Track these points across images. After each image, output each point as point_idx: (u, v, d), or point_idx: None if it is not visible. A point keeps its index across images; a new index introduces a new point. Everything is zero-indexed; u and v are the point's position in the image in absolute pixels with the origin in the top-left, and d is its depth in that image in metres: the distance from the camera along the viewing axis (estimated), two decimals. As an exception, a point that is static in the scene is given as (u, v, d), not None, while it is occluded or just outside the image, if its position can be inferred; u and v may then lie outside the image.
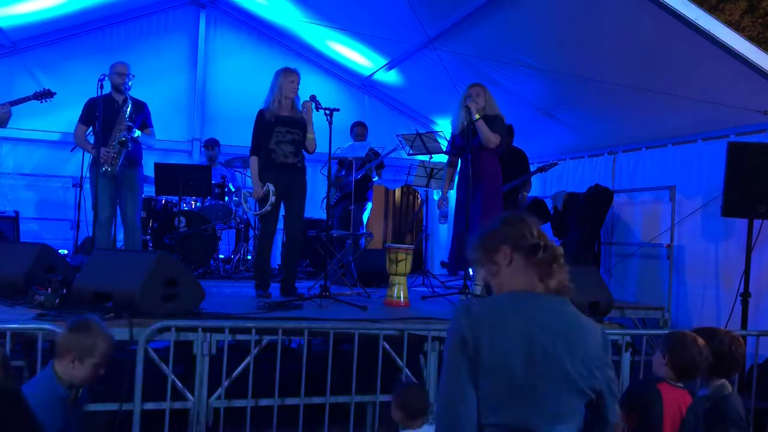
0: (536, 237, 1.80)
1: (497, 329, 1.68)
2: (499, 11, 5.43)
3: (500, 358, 1.66)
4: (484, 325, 1.68)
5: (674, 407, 2.71)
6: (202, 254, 6.40)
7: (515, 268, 1.79)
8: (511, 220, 1.87)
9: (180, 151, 7.89)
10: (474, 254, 1.90)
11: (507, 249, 1.81)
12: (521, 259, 1.79)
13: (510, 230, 1.82)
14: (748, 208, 4.41)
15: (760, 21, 12.95)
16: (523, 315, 1.72)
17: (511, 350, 1.66)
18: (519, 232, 1.81)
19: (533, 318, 1.71)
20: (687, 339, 2.77)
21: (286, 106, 4.93)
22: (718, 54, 4.44)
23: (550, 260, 1.78)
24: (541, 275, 1.77)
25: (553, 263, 1.78)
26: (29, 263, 4.02)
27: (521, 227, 1.82)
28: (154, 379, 3.35)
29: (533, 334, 1.68)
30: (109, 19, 7.76)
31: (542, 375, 1.66)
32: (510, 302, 1.76)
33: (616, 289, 5.72)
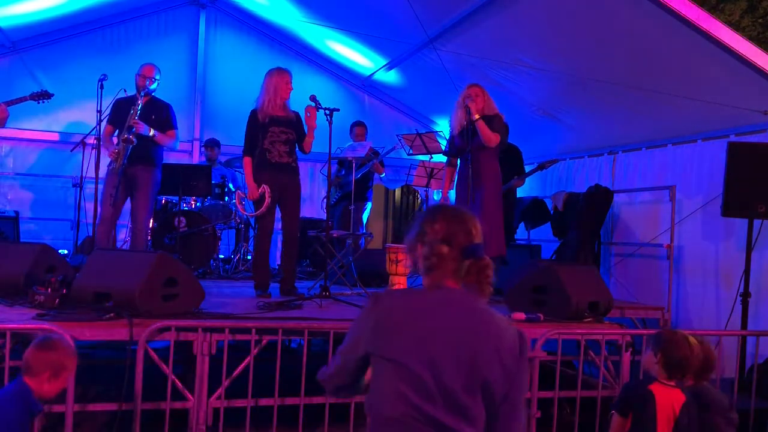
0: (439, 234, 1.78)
1: (407, 321, 1.70)
2: (499, 11, 5.43)
3: (403, 351, 1.66)
4: (386, 319, 1.71)
5: (668, 407, 2.73)
6: (202, 254, 6.40)
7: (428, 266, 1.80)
8: (427, 215, 1.86)
9: (180, 151, 7.88)
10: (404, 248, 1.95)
11: (420, 246, 1.81)
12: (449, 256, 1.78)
13: (424, 228, 1.81)
14: (748, 208, 4.41)
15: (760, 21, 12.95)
16: (435, 309, 1.71)
17: (417, 344, 1.66)
18: (430, 230, 1.79)
19: (445, 313, 1.70)
20: (678, 337, 2.81)
21: (280, 106, 4.93)
22: (718, 54, 4.45)
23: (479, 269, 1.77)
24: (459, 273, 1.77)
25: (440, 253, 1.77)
26: (29, 263, 4.02)
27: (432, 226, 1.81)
28: (154, 379, 3.35)
29: (443, 329, 1.67)
30: (109, 19, 7.76)
31: (451, 369, 1.64)
32: (423, 295, 1.77)
33: (616, 289, 5.72)
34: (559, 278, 4.27)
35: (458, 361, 1.65)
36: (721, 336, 4.39)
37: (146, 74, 5.21)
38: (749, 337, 4.34)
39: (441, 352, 1.65)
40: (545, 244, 6.89)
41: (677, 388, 2.79)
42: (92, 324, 3.36)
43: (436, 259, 1.76)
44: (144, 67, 5.27)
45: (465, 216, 1.81)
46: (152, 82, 5.23)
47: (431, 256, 1.76)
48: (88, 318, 3.41)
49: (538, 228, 7.02)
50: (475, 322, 1.71)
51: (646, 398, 2.75)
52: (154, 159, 5.31)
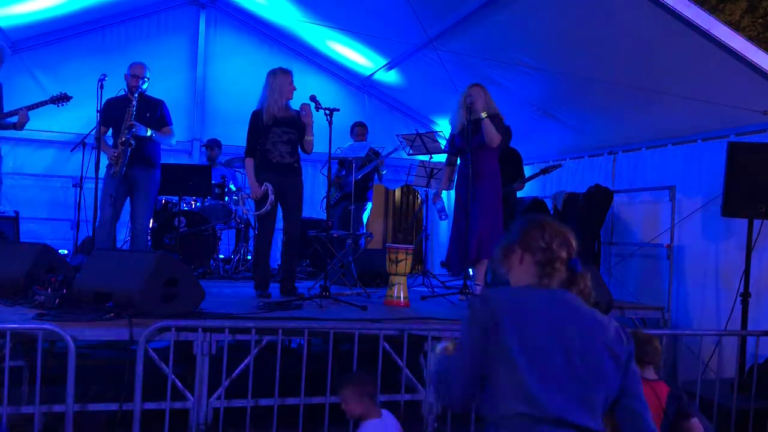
0: (544, 240, 1.88)
1: (520, 317, 1.75)
2: (499, 11, 5.42)
3: (522, 346, 1.71)
4: (506, 312, 1.74)
5: (653, 400, 2.79)
6: (202, 254, 6.40)
7: (524, 269, 1.89)
8: (530, 224, 1.95)
9: (180, 151, 7.89)
10: (495, 253, 2.02)
11: (518, 250, 1.91)
12: (530, 262, 1.88)
13: (524, 233, 1.92)
14: (748, 208, 4.41)
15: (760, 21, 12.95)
16: (546, 306, 1.79)
17: (535, 338, 1.72)
18: (529, 236, 1.90)
19: (557, 309, 1.78)
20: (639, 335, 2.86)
21: (283, 106, 4.92)
22: (718, 54, 4.44)
23: (548, 261, 1.86)
24: (542, 275, 1.86)
25: (549, 266, 1.86)
26: (29, 263, 4.02)
27: (533, 231, 1.91)
28: (154, 379, 3.35)
29: (557, 324, 1.75)
30: (109, 19, 7.76)
31: (575, 365, 1.71)
32: (532, 293, 1.83)
33: (616, 289, 5.72)
34: (559, 278, 4.26)
35: (583, 354, 1.73)
36: (721, 336, 4.40)
37: (138, 73, 5.17)
38: (749, 337, 4.33)
39: (571, 346, 1.73)
40: (545, 244, 6.87)
41: (661, 381, 2.86)
42: (92, 324, 3.37)
43: (552, 268, 1.85)
44: (134, 67, 5.22)
45: (567, 231, 1.94)
46: (144, 81, 5.20)
47: (553, 262, 1.85)
48: (88, 318, 3.42)
49: (538, 228, 7.00)
50: (588, 318, 1.81)
51: None
52: (153, 159, 5.31)
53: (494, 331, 1.73)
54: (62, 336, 3.12)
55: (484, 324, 1.75)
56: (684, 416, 2.80)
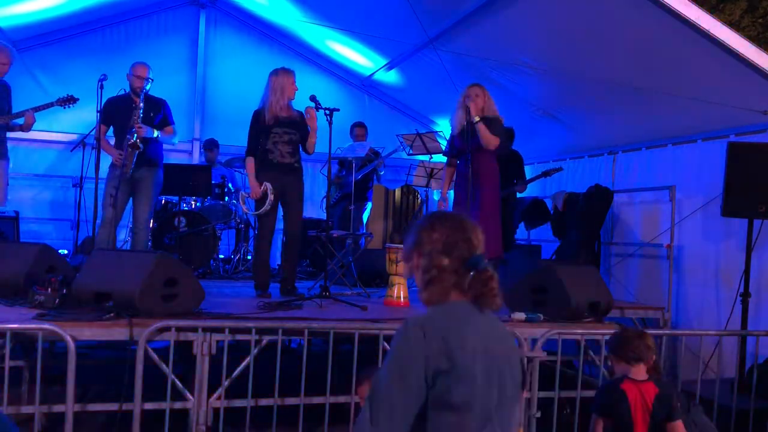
0: (478, 249, 1.67)
1: (470, 349, 1.55)
2: (499, 11, 5.42)
3: (474, 380, 1.54)
4: (454, 346, 1.53)
5: (640, 401, 2.80)
6: (202, 254, 6.40)
7: (447, 277, 1.66)
8: (456, 222, 1.70)
9: (180, 151, 7.89)
10: (405, 246, 1.76)
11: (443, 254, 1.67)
12: (457, 269, 1.66)
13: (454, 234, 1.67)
14: (748, 208, 4.41)
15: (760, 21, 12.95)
16: (480, 329, 1.61)
17: (481, 370, 1.55)
18: (465, 237, 1.67)
19: (488, 332, 1.62)
20: (626, 332, 2.98)
21: (284, 106, 4.92)
22: (718, 54, 4.44)
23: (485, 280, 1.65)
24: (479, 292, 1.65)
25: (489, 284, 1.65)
26: (29, 263, 4.02)
27: (468, 233, 1.68)
28: (154, 379, 3.35)
29: (493, 351, 1.60)
30: (109, 19, 7.77)
31: (498, 387, 1.59)
32: (466, 314, 1.63)
33: (616, 289, 5.72)
34: (559, 278, 4.27)
35: (507, 384, 1.61)
36: (721, 336, 4.39)
37: (141, 74, 5.16)
38: (749, 337, 4.33)
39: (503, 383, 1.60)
40: (545, 244, 6.89)
41: (650, 382, 2.84)
42: (92, 324, 3.36)
43: (437, 272, 1.64)
44: (138, 68, 5.20)
45: (466, 224, 1.68)
46: (148, 82, 5.20)
47: (431, 268, 1.64)
48: (88, 318, 3.41)
49: (538, 228, 7.02)
50: (510, 345, 1.67)
51: (620, 397, 2.82)
52: (156, 159, 5.31)
53: (438, 362, 1.50)
54: (62, 336, 3.12)
55: (427, 353, 1.51)
56: (669, 419, 2.79)
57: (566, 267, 4.66)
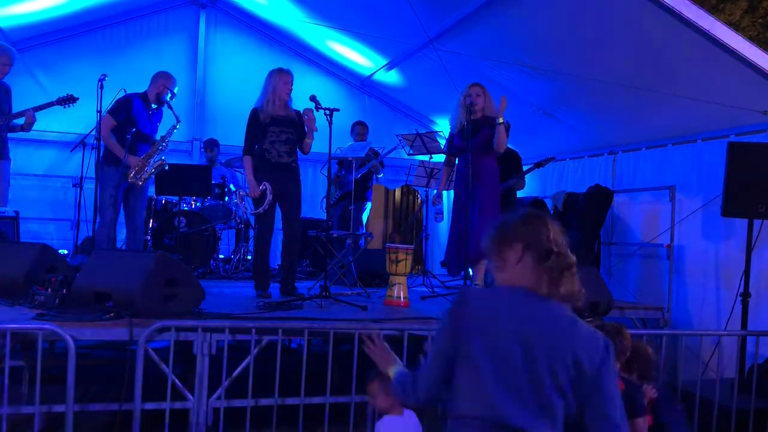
0: (551, 242, 1.79)
1: (489, 323, 1.72)
2: (499, 11, 5.43)
3: (487, 352, 1.70)
4: (476, 317, 1.74)
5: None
6: (202, 254, 6.40)
7: (523, 268, 1.78)
8: (532, 219, 1.85)
9: (180, 151, 7.89)
10: (487, 245, 1.89)
11: (519, 247, 1.80)
12: (530, 261, 1.78)
13: (527, 229, 1.81)
14: (748, 208, 4.41)
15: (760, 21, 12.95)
16: (517, 311, 1.74)
17: (500, 345, 1.70)
18: (535, 233, 1.80)
19: (526, 316, 1.73)
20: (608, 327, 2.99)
21: (280, 106, 4.94)
22: (718, 54, 4.44)
23: (560, 268, 1.77)
24: (549, 281, 1.76)
25: (565, 271, 1.77)
26: (29, 263, 4.02)
27: (539, 229, 1.81)
28: (154, 379, 3.35)
29: (524, 332, 1.70)
30: (109, 19, 7.76)
31: (529, 371, 1.68)
32: (507, 296, 1.79)
33: (616, 289, 5.71)
34: (559, 278, 4.26)
35: (549, 363, 1.69)
36: (721, 336, 4.39)
37: (173, 88, 5.37)
38: (749, 337, 4.33)
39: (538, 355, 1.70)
40: (545, 244, 6.87)
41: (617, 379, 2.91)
42: (92, 324, 3.36)
43: (560, 275, 1.77)
44: (171, 80, 5.38)
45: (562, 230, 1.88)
46: (168, 94, 5.36)
47: (563, 269, 1.78)
48: (88, 318, 3.42)
49: (538, 228, 7.01)
50: (559, 325, 1.75)
51: None
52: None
53: (463, 335, 1.72)
54: (62, 336, 3.12)
55: (455, 327, 1.75)
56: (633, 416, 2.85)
57: (566, 267, 4.65)
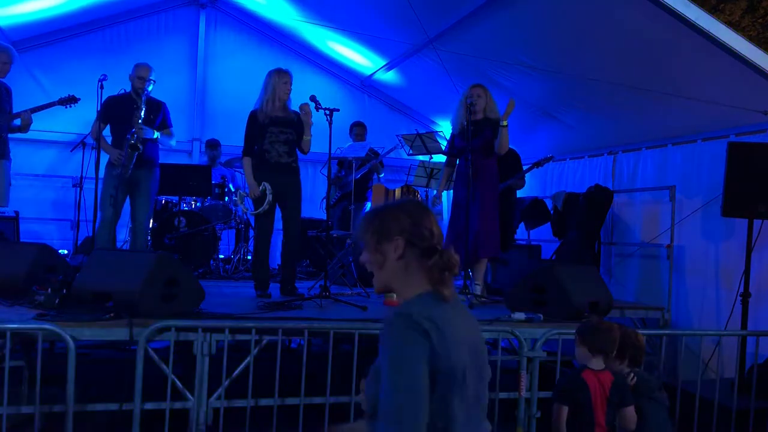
0: (435, 238, 1.66)
1: (449, 336, 1.55)
2: (499, 11, 5.42)
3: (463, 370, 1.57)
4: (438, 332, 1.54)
5: (599, 389, 3.02)
6: (202, 254, 6.40)
7: (406, 265, 1.65)
8: (414, 210, 1.68)
9: (180, 151, 7.89)
10: (362, 234, 1.71)
11: (401, 242, 1.64)
12: (413, 257, 1.64)
13: (410, 223, 1.65)
14: (748, 208, 4.41)
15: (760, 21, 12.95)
16: (461, 320, 1.63)
17: (468, 359, 1.59)
18: (419, 227, 1.65)
19: (467, 323, 1.67)
20: (601, 325, 3.13)
21: (279, 106, 4.93)
22: (718, 54, 4.44)
23: (444, 267, 1.63)
24: (433, 280, 1.63)
25: (447, 272, 1.64)
26: (29, 263, 4.02)
27: (423, 222, 1.65)
28: (154, 379, 3.35)
29: (474, 340, 1.66)
30: (109, 19, 7.77)
31: (479, 377, 1.65)
32: (444, 307, 1.62)
33: (616, 289, 5.72)
34: (559, 278, 4.27)
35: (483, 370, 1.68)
36: (721, 336, 4.39)
37: (144, 75, 5.18)
38: (749, 337, 4.33)
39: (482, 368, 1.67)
40: (545, 244, 6.88)
41: (606, 371, 3.06)
42: (92, 324, 3.36)
43: (450, 274, 1.66)
44: (140, 68, 5.22)
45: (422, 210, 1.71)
46: (150, 83, 5.21)
47: (449, 267, 1.65)
48: (88, 318, 3.41)
49: (538, 228, 7.02)
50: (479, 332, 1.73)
51: (580, 385, 3.03)
52: (155, 159, 5.33)
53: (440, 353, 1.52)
54: (62, 336, 3.12)
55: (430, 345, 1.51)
56: (622, 405, 3.02)
57: (566, 267, 4.67)
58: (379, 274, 1.70)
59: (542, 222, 6.87)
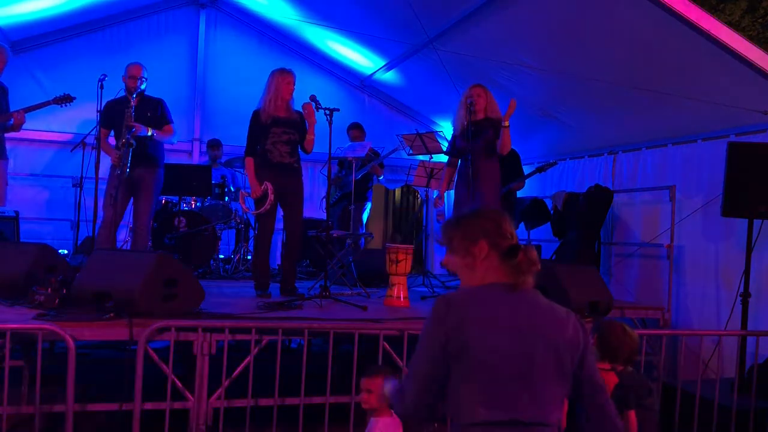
0: (514, 238, 1.81)
1: (487, 324, 1.69)
2: (499, 11, 5.43)
3: (492, 354, 1.67)
4: (472, 321, 1.69)
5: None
6: (202, 254, 6.40)
7: (489, 265, 1.79)
8: (493, 215, 1.85)
9: (180, 151, 7.89)
10: (448, 240, 1.87)
11: (485, 244, 1.79)
12: (495, 257, 1.79)
13: (491, 226, 1.82)
14: (748, 208, 4.41)
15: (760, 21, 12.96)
16: (507, 307, 1.73)
17: (502, 344, 1.68)
18: (499, 230, 1.81)
19: (516, 310, 1.73)
20: (615, 325, 3.06)
21: (282, 106, 4.93)
22: (718, 54, 4.44)
23: (526, 264, 1.77)
24: (515, 275, 1.77)
25: (531, 267, 1.78)
26: (29, 263, 4.02)
27: (502, 225, 1.82)
28: (154, 379, 3.35)
29: (520, 326, 1.71)
30: (109, 19, 7.77)
31: (532, 366, 1.69)
32: (492, 295, 1.76)
33: (616, 289, 5.72)
34: (559, 278, 4.27)
35: (544, 355, 1.71)
36: (721, 336, 4.39)
37: (134, 74, 5.18)
38: (749, 337, 4.33)
39: (534, 351, 1.71)
40: (545, 244, 6.89)
41: (611, 372, 3.01)
42: (92, 324, 3.37)
43: (528, 266, 1.78)
44: (131, 68, 5.23)
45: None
46: (142, 81, 5.21)
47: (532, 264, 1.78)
48: (88, 318, 3.42)
49: (538, 228, 7.02)
50: (549, 317, 1.78)
51: None
52: (157, 159, 5.31)
53: (457, 335, 1.67)
54: (62, 336, 3.12)
55: (448, 327, 1.68)
56: (626, 408, 2.95)
57: (566, 267, 4.66)
58: (465, 274, 1.84)
59: (542, 222, 6.87)
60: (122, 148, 5.01)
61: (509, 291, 1.75)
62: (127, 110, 5.08)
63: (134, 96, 5.12)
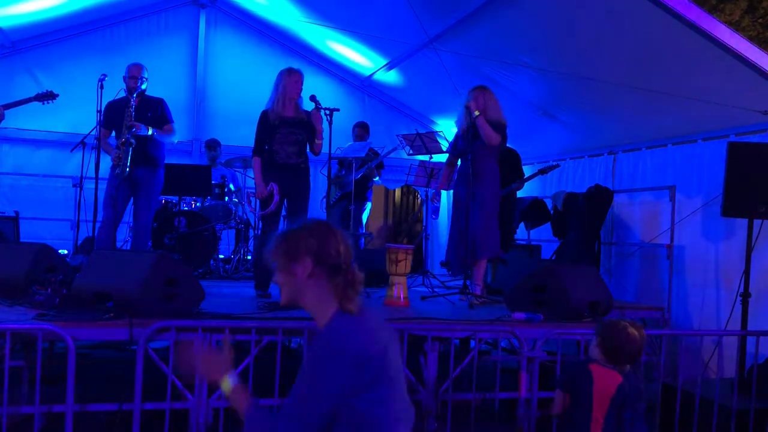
0: (342, 256, 1.75)
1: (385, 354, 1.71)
2: (499, 11, 5.43)
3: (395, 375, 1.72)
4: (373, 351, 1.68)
5: (604, 386, 2.92)
6: (202, 254, 6.40)
7: (316, 284, 1.74)
8: (318, 230, 1.78)
9: (180, 150, 7.89)
10: (273, 256, 1.81)
11: (308, 261, 1.74)
12: (322, 275, 1.73)
13: (316, 242, 1.75)
14: (748, 208, 4.41)
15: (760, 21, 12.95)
16: (381, 335, 1.75)
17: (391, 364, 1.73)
18: (325, 246, 1.75)
19: (381, 332, 1.77)
20: (619, 326, 2.99)
21: (290, 106, 4.93)
22: (718, 54, 4.44)
23: (349, 284, 1.74)
24: (340, 298, 1.72)
25: (350, 289, 1.74)
26: (29, 263, 4.02)
27: (329, 241, 1.76)
28: (154, 379, 3.35)
29: (388, 346, 1.75)
30: (109, 19, 7.77)
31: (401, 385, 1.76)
32: (370, 325, 1.75)
33: (616, 289, 5.71)
34: (559, 278, 4.27)
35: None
36: (721, 336, 4.40)
37: (135, 74, 5.21)
38: (749, 337, 4.33)
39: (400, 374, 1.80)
40: (545, 244, 6.89)
41: (615, 371, 2.97)
42: (92, 324, 3.36)
43: (353, 291, 1.79)
44: (131, 68, 5.25)
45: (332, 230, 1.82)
46: (142, 81, 5.23)
47: (354, 285, 1.79)
48: (88, 318, 3.41)
49: (538, 228, 7.02)
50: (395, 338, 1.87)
51: (586, 376, 2.95)
52: (157, 159, 5.31)
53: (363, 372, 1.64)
54: (62, 336, 3.12)
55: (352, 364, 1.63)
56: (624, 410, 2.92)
57: (566, 267, 4.66)
58: (289, 292, 1.78)
59: (542, 222, 6.87)
60: (122, 148, 5.01)
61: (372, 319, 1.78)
62: (127, 110, 5.09)
63: (135, 96, 5.13)
